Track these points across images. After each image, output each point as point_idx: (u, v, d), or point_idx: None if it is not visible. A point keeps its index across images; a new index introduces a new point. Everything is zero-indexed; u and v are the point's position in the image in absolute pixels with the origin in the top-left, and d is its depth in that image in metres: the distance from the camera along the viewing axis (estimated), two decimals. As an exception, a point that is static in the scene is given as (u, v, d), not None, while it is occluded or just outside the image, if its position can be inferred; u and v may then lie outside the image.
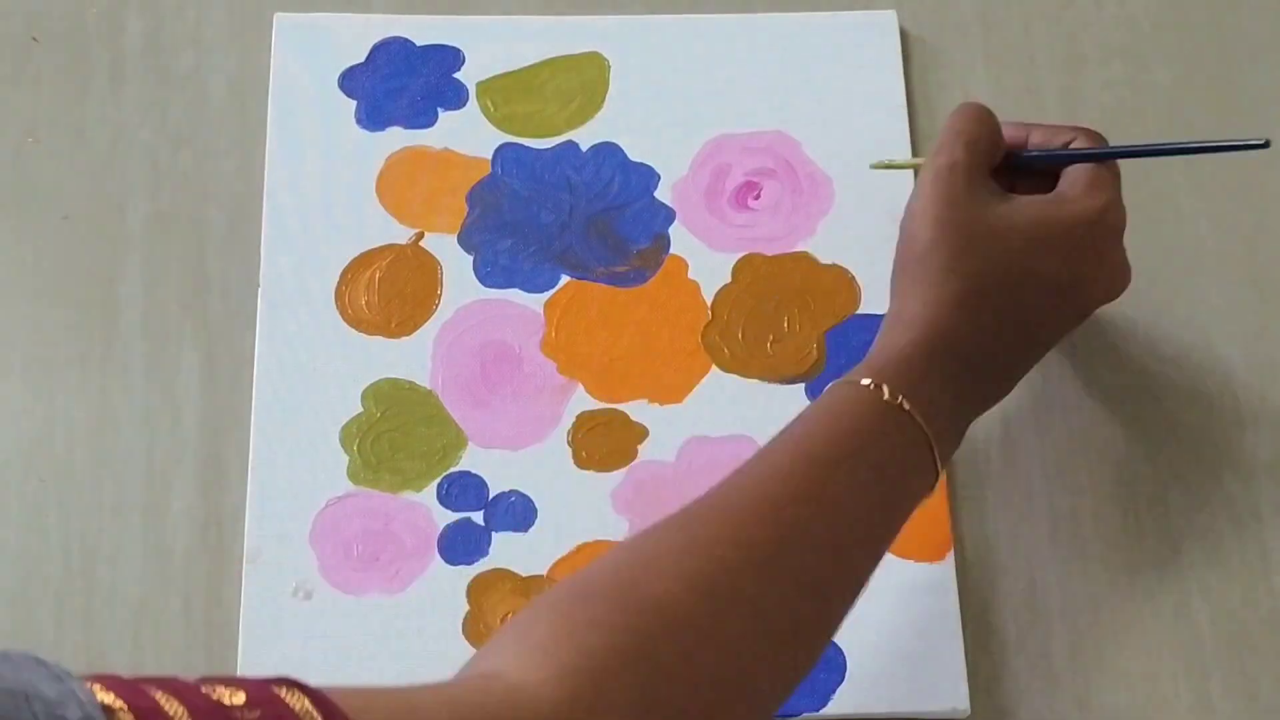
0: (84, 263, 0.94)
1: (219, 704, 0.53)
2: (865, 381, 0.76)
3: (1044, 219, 0.81)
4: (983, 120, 0.84)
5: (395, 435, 0.90)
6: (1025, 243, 0.80)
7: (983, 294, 0.79)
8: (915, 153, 0.97)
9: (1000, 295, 0.79)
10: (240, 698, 0.53)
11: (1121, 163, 0.88)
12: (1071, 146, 0.85)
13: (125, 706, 0.51)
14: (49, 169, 0.96)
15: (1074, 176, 0.83)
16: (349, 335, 0.92)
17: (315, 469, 0.89)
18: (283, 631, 0.85)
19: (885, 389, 0.76)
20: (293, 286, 0.93)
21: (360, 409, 0.90)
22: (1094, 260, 0.83)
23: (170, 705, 0.51)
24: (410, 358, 0.92)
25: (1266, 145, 0.83)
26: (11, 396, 0.91)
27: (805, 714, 0.84)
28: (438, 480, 0.89)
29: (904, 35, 1.00)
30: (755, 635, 0.68)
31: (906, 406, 0.75)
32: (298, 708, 0.54)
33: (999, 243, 0.80)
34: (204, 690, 0.53)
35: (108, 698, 0.51)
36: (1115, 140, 0.87)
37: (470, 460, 0.89)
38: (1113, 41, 1.01)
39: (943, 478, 0.88)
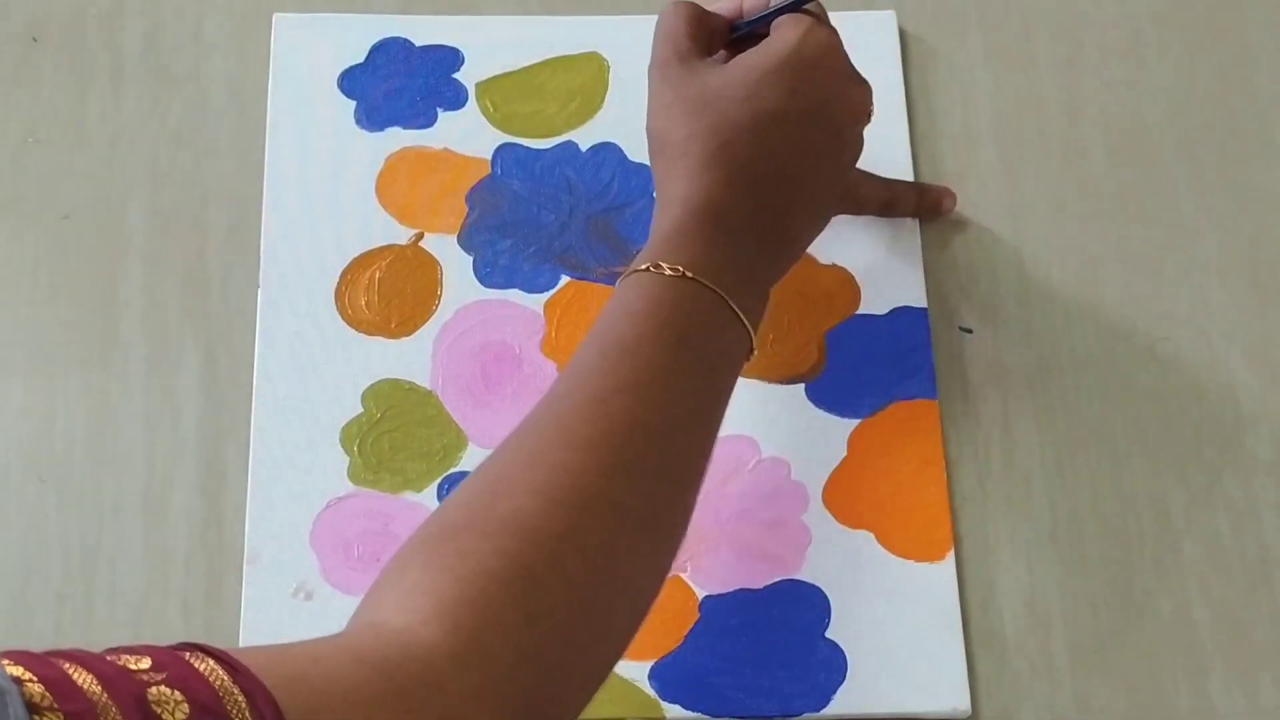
0: (84, 263, 0.94)
1: (124, 669, 0.54)
2: (644, 266, 0.78)
3: (753, 64, 0.83)
4: (677, 13, 0.86)
5: (395, 436, 0.90)
6: (744, 89, 0.82)
7: (726, 148, 0.81)
8: (915, 155, 0.97)
9: (742, 143, 0.81)
10: (146, 662, 0.54)
11: (1126, 162, 0.88)
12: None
13: (34, 678, 0.52)
14: (49, 169, 0.96)
15: (777, 24, 0.85)
16: (349, 335, 0.92)
17: (315, 469, 0.89)
18: (283, 632, 0.85)
19: (665, 266, 0.78)
20: (293, 286, 0.93)
21: (360, 409, 0.90)
22: (818, 85, 0.83)
23: (78, 674, 0.53)
24: (410, 358, 0.92)
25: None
26: (11, 396, 0.91)
27: (806, 714, 0.84)
28: (438, 481, 0.89)
29: (903, 35, 1.00)
30: (616, 528, 0.70)
31: (690, 275, 0.78)
32: (203, 668, 0.55)
33: (721, 100, 0.82)
34: (109, 658, 0.54)
35: (16, 670, 0.52)
36: (1115, 138, 0.87)
37: (470, 461, 0.89)
38: (1113, 41, 1.01)
39: (943, 481, 0.89)
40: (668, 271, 0.78)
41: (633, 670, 0.84)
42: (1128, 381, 0.92)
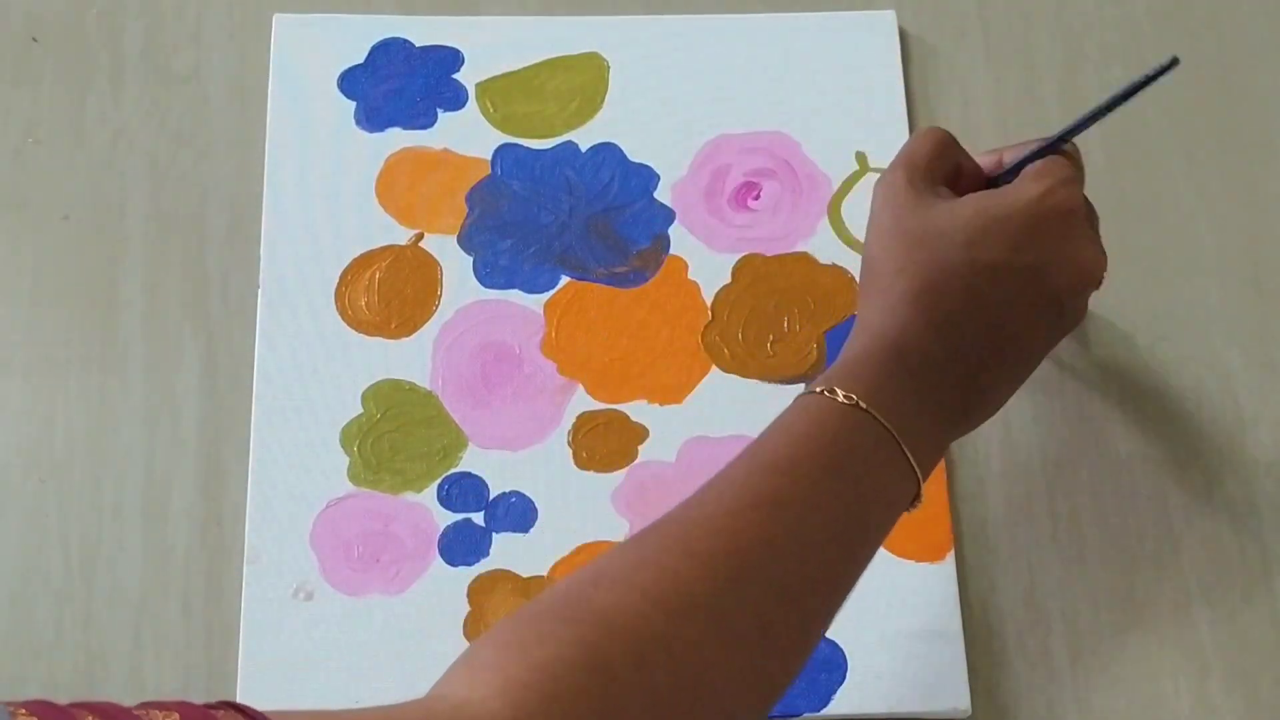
0: (84, 263, 0.94)
1: None
2: (819, 389, 0.75)
3: (985, 209, 0.79)
4: (926, 137, 0.83)
5: (395, 436, 0.90)
6: (969, 234, 0.78)
7: (933, 290, 0.77)
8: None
9: (952, 290, 0.77)
10: (174, 718, 0.53)
11: (1123, 164, 0.88)
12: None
13: None
14: (49, 169, 0.96)
15: (1025, 172, 0.82)
16: (349, 336, 0.92)
17: (315, 470, 0.89)
18: (283, 632, 0.85)
19: (839, 392, 0.74)
20: (293, 286, 0.93)
21: (360, 410, 0.90)
22: (1047, 246, 0.79)
23: None
24: (410, 359, 0.92)
25: (1176, 63, 0.80)
26: (11, 396, 0.91)
27: (806, 714, 0.84)
28: (438, 481, 0.89)
29: (903, 35, 1.00)
30: (715, 642, 0.67)
31: (864, 406, 0.74)
32: None
33: (944, 239, 0.78)
34: (137, 713, 0.53)
35: None
36: (1115, 138, 0.87)
37: (470, 461, 0.89)
38: (1113, 41, 1.01)
39: (943, 481, 0.89)
40: (841, 398, 0.74)
41: (633, 670, 0.84)
42: (1128, 382, 0.92)
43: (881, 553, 0.86)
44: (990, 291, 0.78)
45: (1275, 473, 0.90)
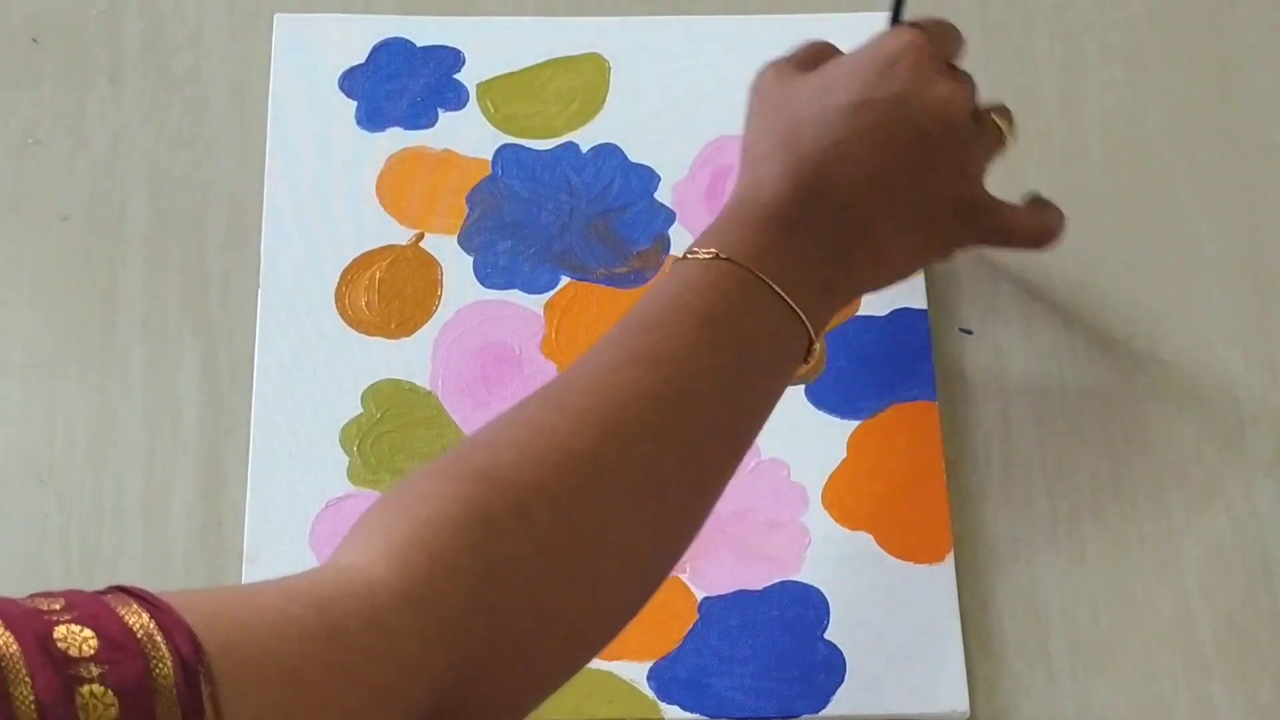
0: (84, 263, 0.94)
1: (33, 609, 0.53)
2: (683, 254, 0.76)
3: (836, 63, 0.82)
4: (807, 43, 0.86)
5: (395, 436, 0.90)
6: (823, 84, 0.81)
7: (790, 142, 0.79)
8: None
9: (804, 138, 0.79)
10: (59, 604, 0.53)
11: (1126, 162, 0.87)
12: None
13: None
14: (49, 169, 0.96)
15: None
16: (349, 336, 0.92)
17: (315, 470, 0.89)
18: (283, 632, 0.85)
19: (701, 251, 0.76)
20: (293, 286, 0.93)
21: (360, 410, 0.90)
22: (898, 80, 0.80)
23: None
24: (410, 359, 0.92)
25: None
26: (11, 396, 0.91)
27: (804, 715, 0.84)
28: (438, 481, 0.89)
29: (904, 36, 1.00)
30: (601, 490, 0.68)
31: (724, 256, 0.75)
32: (120, 608, 0.54)
33: (799, 95, 0.81)
34: (23, 601, 0.53)
35: None
36: (1115, 138, 0.87)
37: (470, 461, 0.89)
38: (1113, 41, 1.01)
39: (943, 481, 0.89)
40: (703, 255, 0.76)
41: (631, 671, 0.84)
42: (1128, 381, 0.92)
43: (881, 554, 0.87)
44: (848, 130, 0.79)
45: (1275, 473, 0.90)
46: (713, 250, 0.76)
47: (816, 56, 0.85)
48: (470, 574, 0.62)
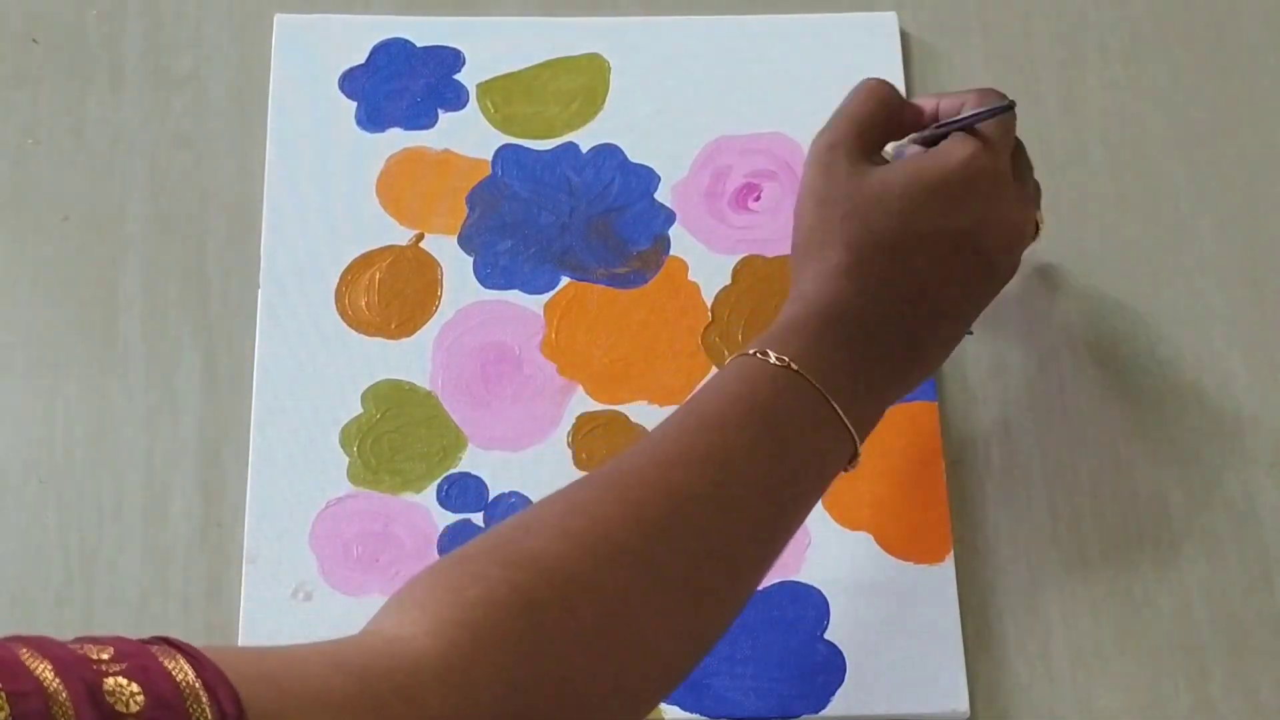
0: (84, 263, 0.94)
1: (83, 656, 0.53)
2: (751, 351, 0.76)
3: (916, 176, 0.80)
4: (871, 94, 0.84)
5: (395, 436, 0.90)
6: (902, 202, 0.79)
7: (866, 259, 0.79)
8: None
9: (884, 257, 0.79)
10: (108, 653, 0.54)
11: (1126, 162, 0.87)
12: (965, 109, 0.84)
13: None
14: (49, 169, 0.96)
15: (950, 138, 0.83)
16: (349, 336, 0.92)
17: (315, 470, 0.89)
18: (283, 632, 0.85)
19: (772, 354, 0.76)
20: (293, 287, 0.93)
21: (360, 410, 0.90)
22: (976, 209, 0.80)
23: (31, 658, 0.52)
24: (410, 359, 0.92)
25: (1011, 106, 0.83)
26: (11, 396, 0.91)
27: (804, 715, 0.84)
28: (438, 481, 0.89)
29: (904, 37, 1.00)
30: (643, 589, 0.68)
31: (795, 367, 0.75)
32: (168, 663, 0.55)
33: (877, 207, 0.79)
34: (72, 646, 0.54)
35: None
36: (1115, 138, 0.87)
37: (470, 461, 0.89)
38: (1113, 42, 1.01)
39: (943, 481, 0.89)
40: (773, 360, 0.75)
41: (632, 670, 0.84)
42: (1128, 381, 0.92)
43: (881, 554, 0.87)
44: (922, 258, 0.79)
45: (1275, 473, 0.90)
46: (785, 359, 0.76)
47: (886, 115, 0.83)
48: (512, 660, 0.64)
